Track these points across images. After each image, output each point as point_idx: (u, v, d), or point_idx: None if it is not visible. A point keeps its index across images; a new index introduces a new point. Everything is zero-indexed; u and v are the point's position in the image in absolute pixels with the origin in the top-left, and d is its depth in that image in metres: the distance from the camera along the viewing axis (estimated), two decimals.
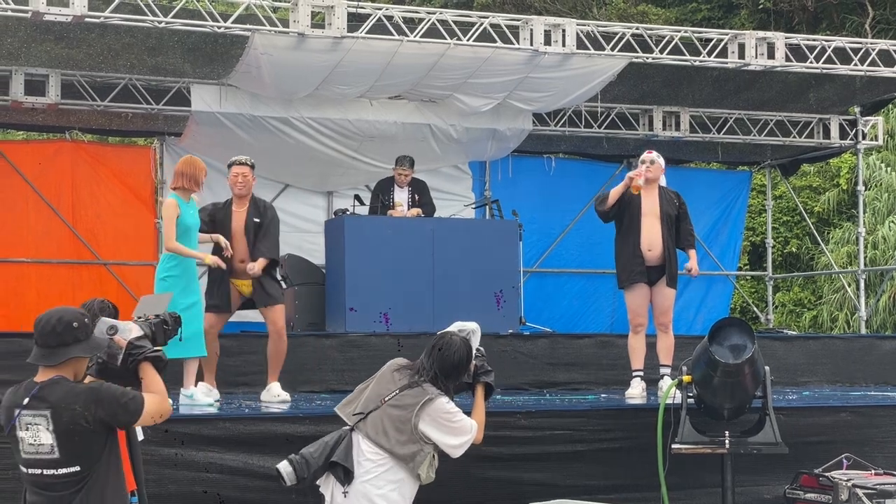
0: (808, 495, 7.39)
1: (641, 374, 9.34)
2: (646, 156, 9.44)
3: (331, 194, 14.28)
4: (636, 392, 9.25)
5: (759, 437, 7.50)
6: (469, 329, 6.24)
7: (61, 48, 11.53)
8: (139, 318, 4.80)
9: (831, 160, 20.07)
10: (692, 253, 9.53)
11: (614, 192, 9.30)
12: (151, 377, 4.58)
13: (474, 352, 6.19)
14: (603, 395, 10.06)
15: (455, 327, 6.26)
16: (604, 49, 12.12)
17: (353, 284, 11.27)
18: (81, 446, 4.37)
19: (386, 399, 5.86)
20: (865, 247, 17.32)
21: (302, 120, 12.79)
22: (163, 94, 12.74)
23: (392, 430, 5.80)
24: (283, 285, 12.09)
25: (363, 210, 12.29)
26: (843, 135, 15.42)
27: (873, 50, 13.03)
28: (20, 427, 4.41)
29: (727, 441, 7.45)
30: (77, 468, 4.38)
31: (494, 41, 11.71)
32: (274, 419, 7.46)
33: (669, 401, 7.55)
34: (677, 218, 9.36)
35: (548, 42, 11.83)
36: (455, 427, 5.95)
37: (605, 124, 14.56)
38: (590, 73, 12.44)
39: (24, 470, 4.47)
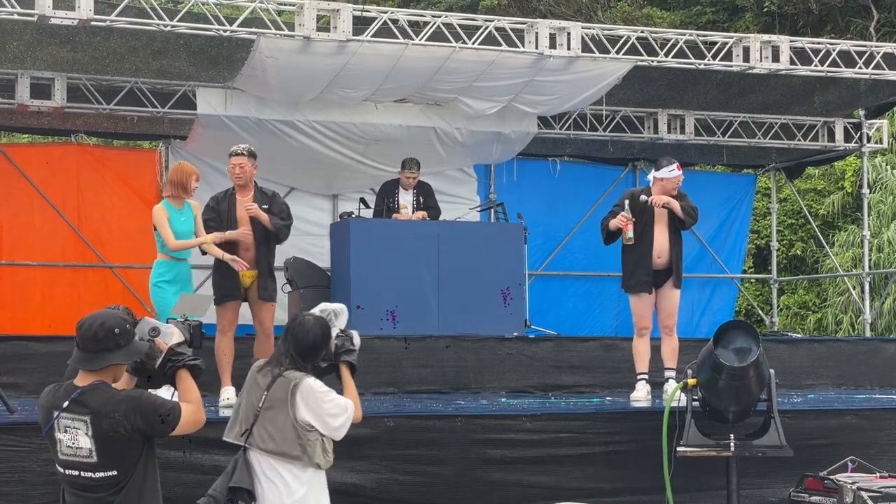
0: (813, 498, 7.39)
1: (646, 377, 9.35)
2: (678, 176, 9.37)
3: (336, 197, 14.30)
4: (641, 395, 9.25)
5: (764, 440, 7.50)
6: (331, 310, 6.02)
7: (67, 52, 11.55)
8: (177, 318, 4.89)
9: (836, 163, 20.08)
10: (676, 203, 9.27)
11: (612, 226, 9.31)
12: (188, 385, 4.68)
13: (335, 331, 5.96)
14: (608, 398, 10.06)
15: (318, 309, 6.05)
16: (609, 52, 12.13)
17: (358, 287, 11.28)
18: (119, 452, 4.45)
19: (259, 405, 5.64)
20: (870, 250, 17.32)
21: (307, 123, 12.80)
22: (168, 98, 12.76)
23: (276, 431, 5.60)
24: (290, 288, 12.15)
25: (368, 213, 12.30)
26: (847, 138, 15.42)
27: (878, 53, 13.03)
28: (58, 429, 4.47)
29: (732, 444, 7.45)
30: (114, 472, 4.46)
31: (499, 44, 11.72)
32: None
33: (675, 404, 7.55)
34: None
35: (553, 45, 11.84)
36: (329, 406, 5.71)
37: (610, 127, 14.57)
38: (595, 77, 12.45)
39: (61, 470, 4.53)
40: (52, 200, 13.24)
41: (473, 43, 11.63)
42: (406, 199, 11.92)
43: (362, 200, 12.65)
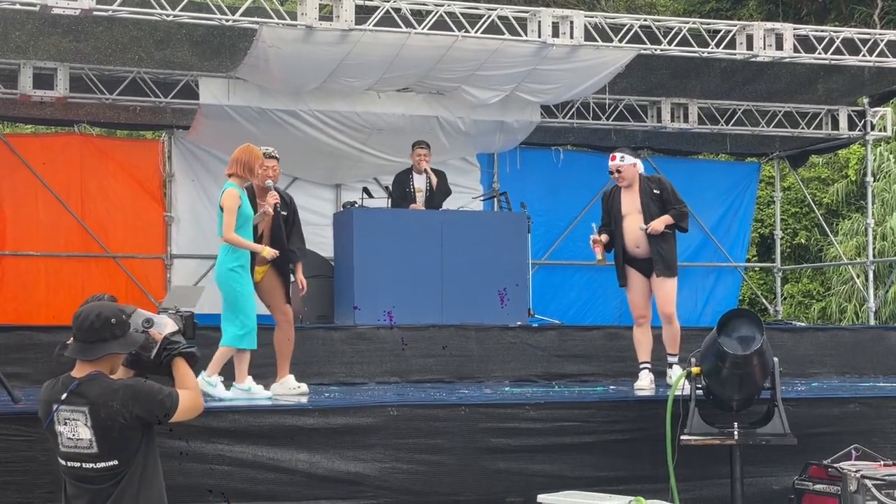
0: (817, 486, 7.38)
1: (649, 366, 9.34)
2: (611, 165, 9.34)
3: (339, 187, 14.30)
4: (645, 384, 9.25)
5: (768, 428, 7.49)
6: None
7: (69, 42, 11.54)
8: (169, 309, 4.84)
9: (840, 151, 20.04)
10: (667, 216, 9.20)
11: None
12: (184, 372, 4.67)
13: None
14: (612, 387, 10.06)
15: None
16: (612, 41, 12.12)
17: (361, 277, 11.28)
18: (119, 441, 4.46)
19: None
20: (874, 238, 17.29)
21: (310, 113, 12.79)
22: (171, 88, 12.76)
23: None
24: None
25: (371, 202, 12.28)
26: (851, 126, 15.41)
27: (882, 41, 13.00)
28: (58, 422, 4.49)
29: (736, 432, 7.45)
30: (115, 462, 4.47)
31: (502, 33, 11.70)
32: (283, 411, 7.46)
33: (678, 392, 7.54)
34: (663, 205, 9.24)
35: (556, 34, 11.82)
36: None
37: (613, 116, 14.56)
38: (598, 65, 12.43)
39: (62, 463, 4.55)
40: (55, 191, 13.26)
41: (476, 32, 11.62)
42: (420, 182, 11.89)
43: (365, 190, 12.64)
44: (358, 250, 11.38)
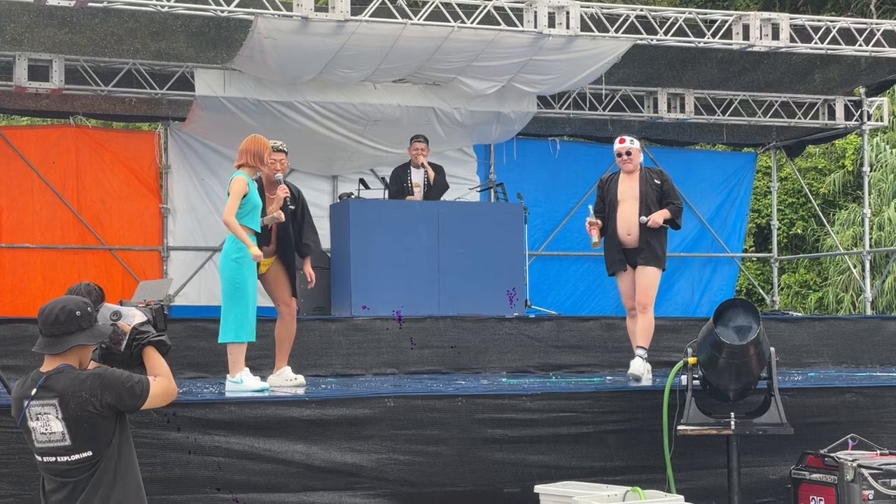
0: (814, 475, 7.39)
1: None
2: (619, 147, 9.29)
3: (336, 178, 14.29)
4: (637, 367, 9.19)
5: (765, 417, 7.49)
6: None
7: (65, 33, 11.52)
8: (139, 304, 4.86)
9: (836, 141, 20.06)
10: (665, 211, 9.15)
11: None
12: (156, 360, 4.70)
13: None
14: (609, 378, 10.06)
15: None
16: (608, 31, 12.10)
17: (358, 268, 11.28)
18: (91, 431, 4.47)
19: None
20: (871, 228, 17.31)
21: (306, 104, 12.77)
22: (166, 79, 12.74)
23: None
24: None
25: (368, 194, 12.26)
26: (848, 116, 15.40)
27: (878, 30, 13.00)
28: (31, 417, 4.52)
29: (733, 422, 7.45)
30: (89, 453, 4.49)
31: (498, 24, 11.69)
32: (280, 403, 7.46)
33: (675, 382, 7.55)
34: (661, 196, 9.22)
35: (552, 24, 11.81)
36: None
37: (609, 106, 14.55)
38: (594, 56, 12.42)
39: (38, 458, 4.57)
40: (51, 183, 13.25)
41: (472, 22, 11.60)
42: (417, 177, 11.86)
43: (362, 181, 12.63)
44: (355, 242, 11.37)
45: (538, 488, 7.10)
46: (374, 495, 7.38)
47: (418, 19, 11.43)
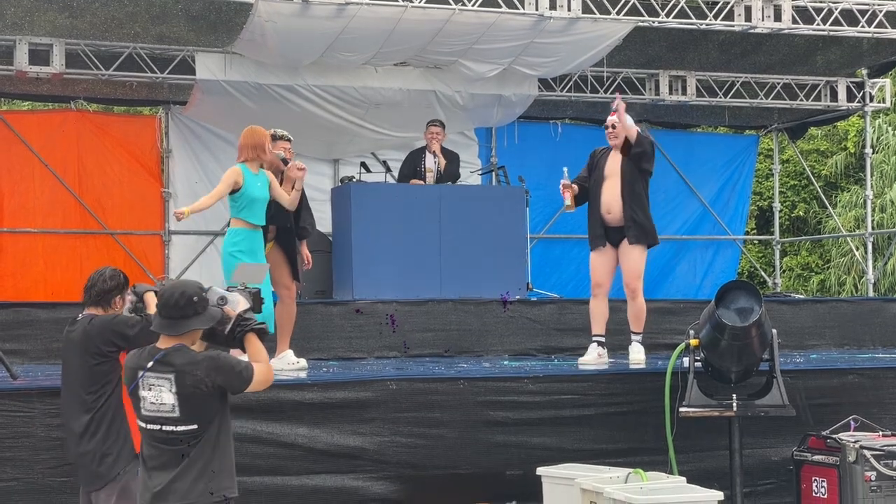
0: (816, 457, 7.41)
1: (601, 339, 9.13)
2: (608, 120, 9.04)
3: (337, 162, 14.27)
4: (590, 359, 9.06)
5: (767, 399, 7.50)
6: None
7: (65, 17, 11.50)
8: (238, 287, 5.18)
9: (839, 123, 20.02)
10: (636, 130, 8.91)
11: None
12: (257, 348, 5.08)
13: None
14: (610, 360, 10.07)
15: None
16: (609, 13, 12.07)
17: (360, 252, 11.28)
18: (199, 407, 4.86)
19: None
20: (873, 210, 17.30)
21: (307, 87, 12.76)
22: (167, 63, 12.72)
23: None
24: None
25: (370, 177, 12.25)
26: (850, 97, 15.36)
27: (880, 11, 12.95)
28: (143, 387, 4.89)
29: (735, 404, 7.45)
30: (195, 426, 4.87)
31: (499, 6, 11.66)
32: (282, 386, 7.46)
33: (677, 364, 7.56)
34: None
35: (553, 6, 11.78)
36: None
37: (611, 89, 14.49)
38: (595, 38, 12.39)
39: (142, 425, 4.95)
40: (52, 167, 13.24)
41: (473, 5, 11.57)
42: (431, 164, 11.81)
43: (363, 165, 12.61)
44: (356, 225, 11.36)
45: (540, 470, 7.11)
46: (376, 478, 7.41)
47: (419, 2, 11.40)
